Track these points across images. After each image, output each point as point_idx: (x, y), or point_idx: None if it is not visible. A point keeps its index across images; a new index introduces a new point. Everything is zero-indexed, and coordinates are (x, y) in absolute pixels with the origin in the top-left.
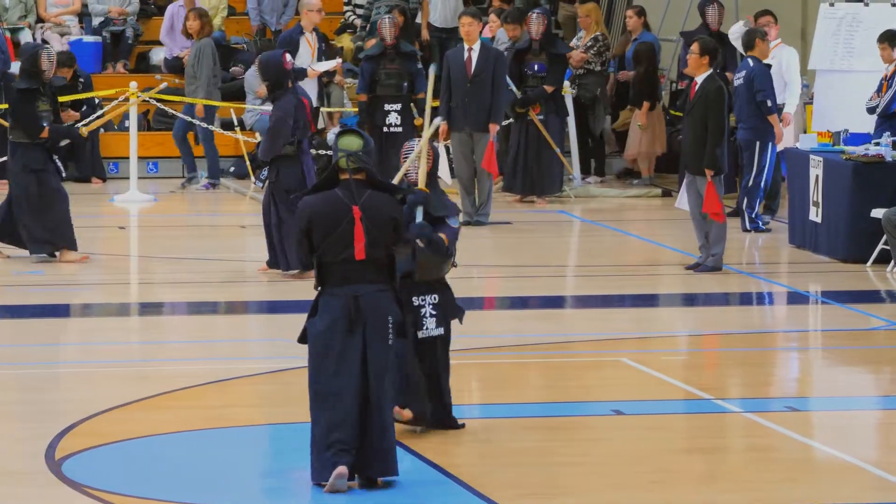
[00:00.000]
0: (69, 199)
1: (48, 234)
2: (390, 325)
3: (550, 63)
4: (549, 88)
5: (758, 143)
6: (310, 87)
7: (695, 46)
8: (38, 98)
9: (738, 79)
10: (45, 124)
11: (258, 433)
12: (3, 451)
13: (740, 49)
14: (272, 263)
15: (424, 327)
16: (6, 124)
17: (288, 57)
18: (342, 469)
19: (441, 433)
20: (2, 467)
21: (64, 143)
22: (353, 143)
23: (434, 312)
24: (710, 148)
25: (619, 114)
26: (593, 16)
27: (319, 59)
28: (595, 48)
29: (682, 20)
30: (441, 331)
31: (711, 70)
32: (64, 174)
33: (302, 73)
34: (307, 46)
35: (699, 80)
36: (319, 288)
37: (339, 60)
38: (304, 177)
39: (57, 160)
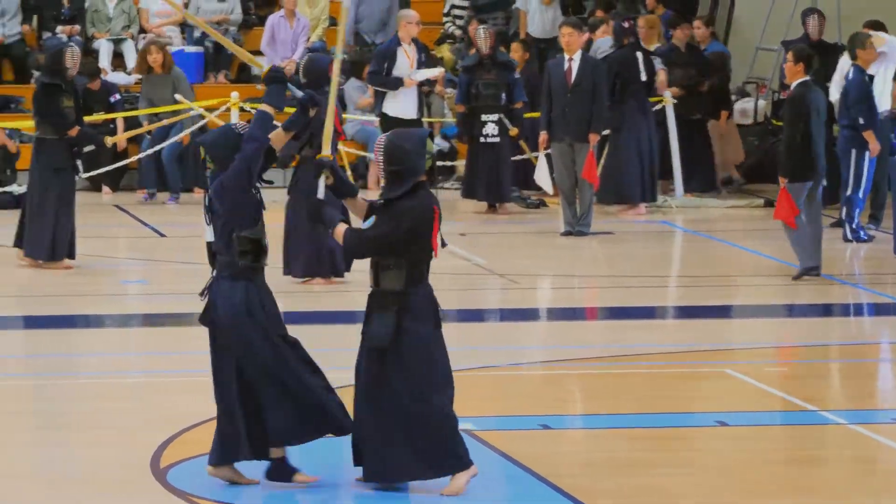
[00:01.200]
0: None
1: (53, 240)
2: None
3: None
4: None
5: (854, 151)
6: (410, 97)
7: (790, 54)
8: (60, 94)
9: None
10: (73, 122)
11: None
12: (108, 459)
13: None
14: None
15: None
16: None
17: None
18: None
19: (542, 441)
20: (108, 476)
21: (87, 148)
22: (430, 146)
23: None
24: (783, 155)
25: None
26: (656, 28)
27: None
28: None
29: (783, 29)
30: None
31: (807, 78)
32: (80, 174)
33: (398, 83)
34: (405, 57)
35: (792, 87)
36: (401, 289)
37: (441, 70)
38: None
39: (79, 162)
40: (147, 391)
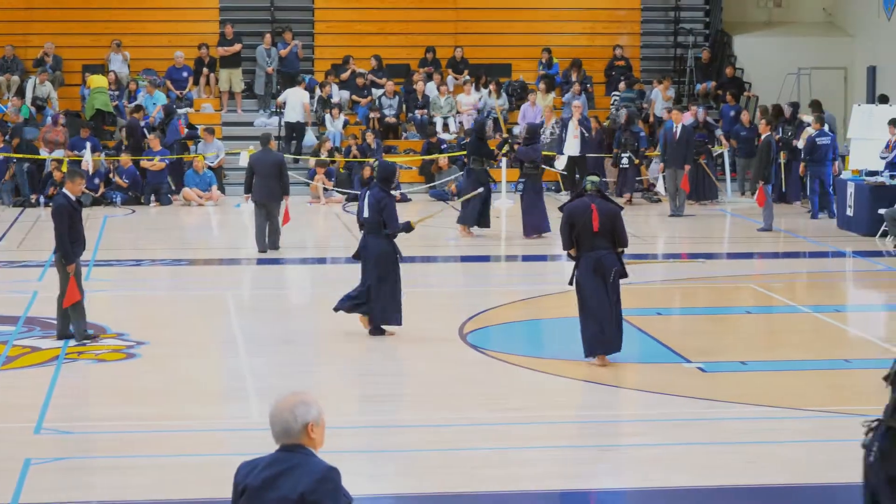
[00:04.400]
0: None
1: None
2: (614, 272)
3: None
4: None
5: None
6: (574, 144)
7: None
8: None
9: None
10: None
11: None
12: (425, 328)
13: None
14: None
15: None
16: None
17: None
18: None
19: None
20: (427, 335)
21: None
22: (595, 178)
23: None
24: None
25: None
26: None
27: None
28: None
29: None
30: None
31: None
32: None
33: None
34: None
35: None
36: (576, 254)
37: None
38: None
39: None
40: (455, 291)
